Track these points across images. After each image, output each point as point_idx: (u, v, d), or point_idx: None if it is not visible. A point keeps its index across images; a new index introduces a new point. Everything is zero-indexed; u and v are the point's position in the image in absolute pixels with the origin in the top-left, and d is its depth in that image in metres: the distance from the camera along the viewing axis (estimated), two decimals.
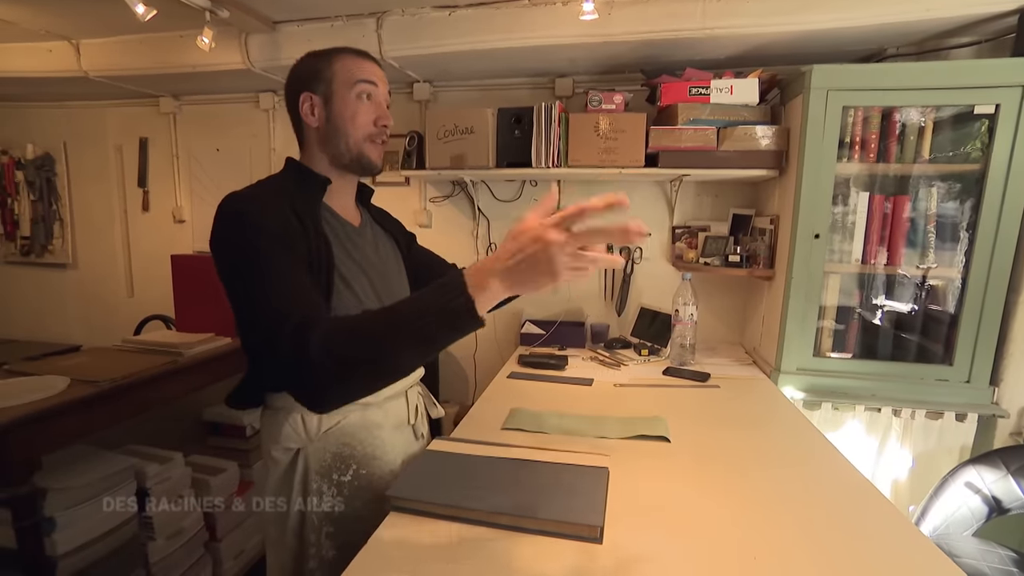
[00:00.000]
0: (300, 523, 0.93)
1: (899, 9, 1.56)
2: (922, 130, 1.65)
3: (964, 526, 1.47)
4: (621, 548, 0.83)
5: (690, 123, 1.74)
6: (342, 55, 0.95)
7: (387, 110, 0.98)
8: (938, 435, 1.66)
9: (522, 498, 0.94)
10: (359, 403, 0.94)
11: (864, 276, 1.75)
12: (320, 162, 0.98)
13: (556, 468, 1.06)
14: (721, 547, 0.85)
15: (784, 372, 1.71)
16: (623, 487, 1.01)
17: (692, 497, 1.00)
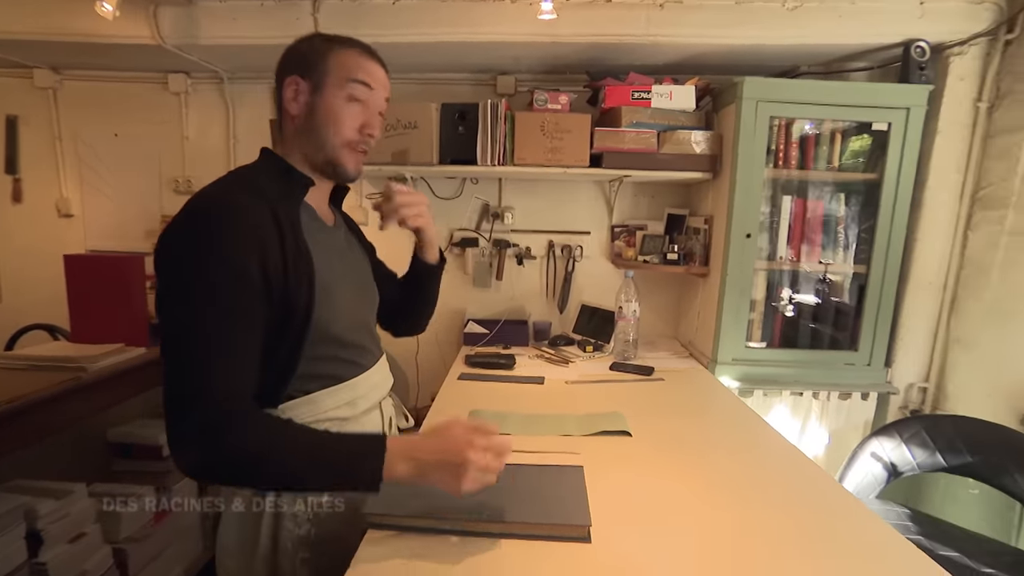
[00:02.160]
0: (271, 551, 0.85)
1: (812, 32, 1.71)
2: (831, 141, 1.84)
3: (870, 490, 1.66)
4: (611, 545, 0.85)
5: (632, 126, 1.81)
6: (346, 48, 0.86)
7: (378, 119, 0.90)
8: (847, 413, 1.86)
9: (506, 503, 0.92)
10: (335, 418, 0.87)
11: (786, 272, 1.92)
12: (296, 157, 0.88)
13: (533, 470, 1.05)
14: (703, 532, 0.90)
15: (720, 363, 1.83)
16: (598, 484, 1.02)
17: (663, 487, 1.04)
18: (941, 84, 1.75)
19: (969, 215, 1.78)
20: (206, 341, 0.70)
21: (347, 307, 0.88)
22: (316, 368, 0.83)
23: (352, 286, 0.93)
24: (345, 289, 0.89)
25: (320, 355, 0.83)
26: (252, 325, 0.74)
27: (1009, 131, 1.66)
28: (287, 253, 0.76)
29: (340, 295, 0.86)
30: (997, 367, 1.67)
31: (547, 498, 0.96)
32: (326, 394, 0.85)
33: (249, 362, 0.74)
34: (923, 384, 1.88)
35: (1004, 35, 1.69)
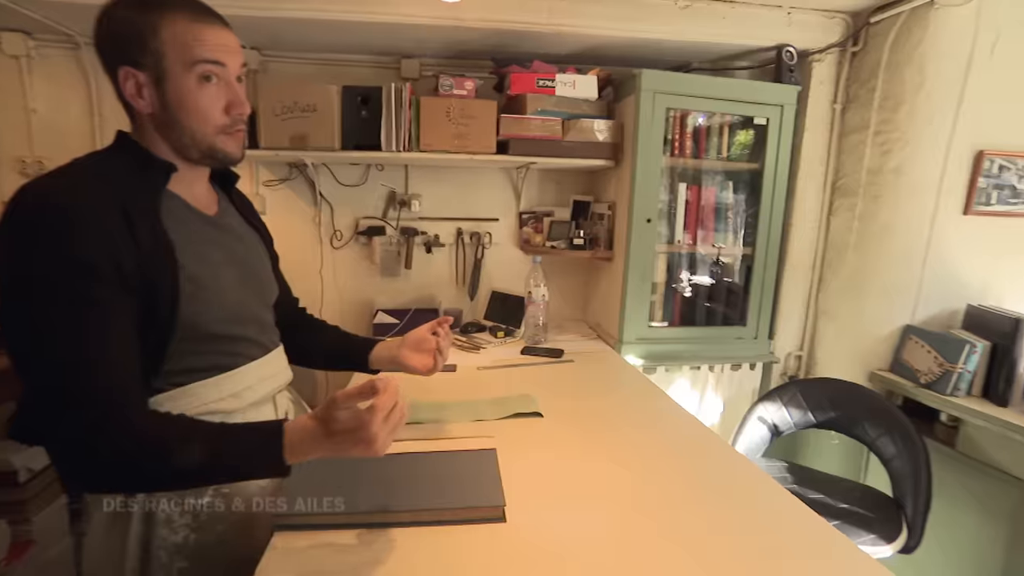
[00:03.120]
0: (143, 562, 0.76)
1: (700, 30, 1.83)
2: (720, 133, 1.98)
3: (757, 450, 1.84)
4: (525, 523, 0.87)
5: (538, 113, 1.83)
6: (173, 15, 0.73)
7: (241, 90, 0.80)
8: (739, 382, 2.04)
9: (420, 491, 0.92)
10: (217, 411, 0.80)
11: (681, 255, 2.06)
12: (160, 146, 0.79)
13: (446, 456, 1.05)
14: (612, 502, 0.94)
15: (626, 343, 1.92)
16: (512, 465, 1.04)
17: (575, 463, 1.08)
18: (807, 86, 1.95)
19: (830, 203, 2.00)
20: (69, 339, 0.63)
21: (227, 300, 0.81)
22: (189, 361, 0.77)
23: (237, 277, 0.85)
24: (226, 281, 0.82)
25: (193, 349, 0.77)
26: (114, 319, 0.67)
27: (856, 130, 1.89)
28: (141, 247, 0.69)
29: (218, 288, 0.80)
30: (853, 334, 1.91)
31: (461, 482, 0.97)
32: (204, 385, 0.79)
33: (122, 356, 0.67)
34: (798, 352, 2.11)
35: (851, 47, 1.91)
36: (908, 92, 1.75)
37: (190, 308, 0.74)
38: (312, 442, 0.67)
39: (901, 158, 1.77)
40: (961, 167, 1.76)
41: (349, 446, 0.67)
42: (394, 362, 1.11)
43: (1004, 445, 1.52)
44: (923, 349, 1.73)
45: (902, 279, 1.82)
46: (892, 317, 1.85)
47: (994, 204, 1.78)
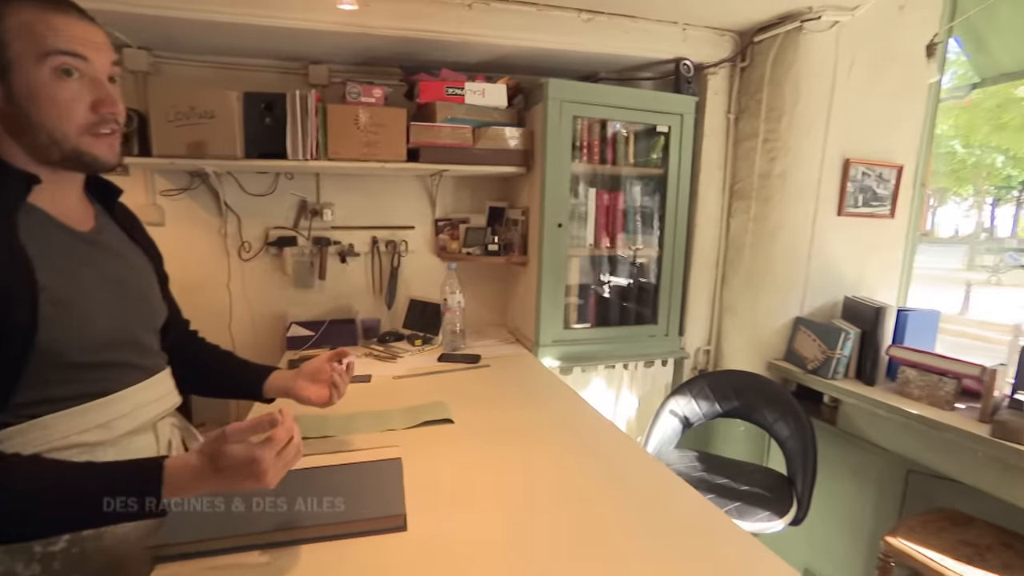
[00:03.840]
0: None
1: (603, 42, 1.91)
2: (627, 140, 2.08)
3: (670, 442, 1.94)
4: (426, 530, 0.87)
5: (448, 121, 1.85)
6: (19, 2, 0.67)
7: (113, 89, 0.74)
8: (652, 378, 2.14)
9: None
10: (79, 444, 0.73)
11: (595, 258, 2.13)
12: (14, 152, 0.71)
13: (349, 469, 1.04)
14: (516, 504, 0.96)
15: (542, 345, 1.97)
16: (418, 473, 1.04)
17: (482, 468, 1.10)
18: (703, 97, 2.08)
19: (729, 205, 2.15)
20: None
21: (99, 325, 0.76)
22: (52, 391, 0.71)
23: (114, 299, 0.80)
24: (98, 303, 0.76)
25: (58, 377, 0.71)
26: None
27: (747, 138, 2.05)
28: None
29: (86, 311, 0.74)
30: (752, 327, 2.05)
31: (361, 494, 0.96)
32: (63, 417, 0.72)
33: None
34: (707, 347, 2.24)
35: (740, 63, 2.06)
36: (787, 105, 1.91)
37: (51, 334, 0.68)
38: (196, 479, 0.65)
39: (785, 164, 1.93)
40: (833, 173, 1.94)
41: (238, 480, 0.65)
42: (289, 392, 1.08)
43: (872, 420, 1.69)
44: (809, 338, 1.89)
45: (791, 275, 1.98)
46: (784, 310, 2.00)
47: (860, 206, 1.97)
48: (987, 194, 18.02)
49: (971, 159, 12.51)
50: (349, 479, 1.00)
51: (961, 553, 1.32)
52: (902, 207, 2.05)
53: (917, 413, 1.51)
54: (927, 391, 1.58)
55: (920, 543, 1.36)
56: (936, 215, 32.20)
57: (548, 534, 0.87)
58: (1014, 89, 7.99)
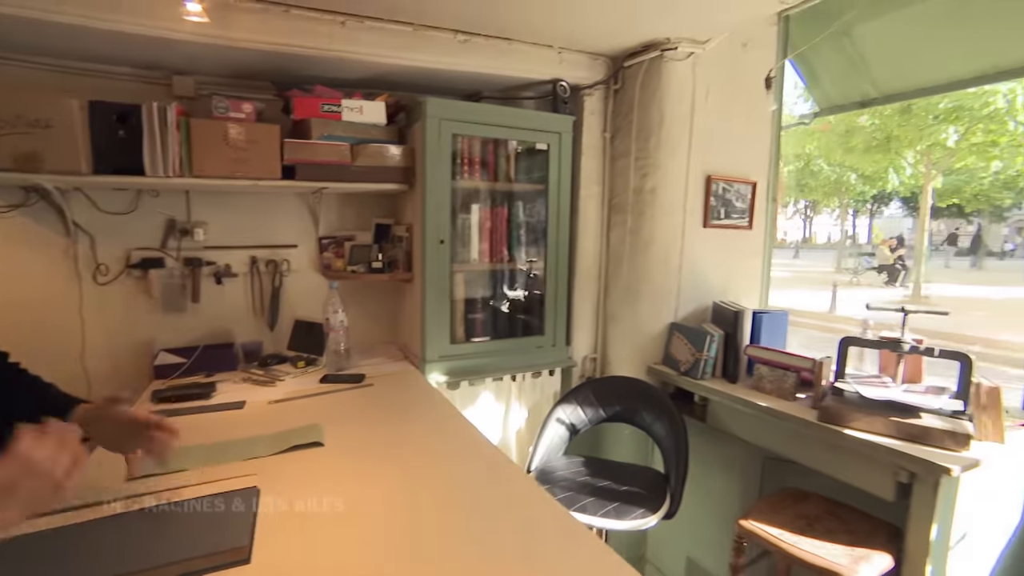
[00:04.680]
0: None
1: (480, 63, 1.96)
2: (509, 158, 2.14)
3: (558, 449, 1.99)
4: (272, 560, 0.84)
5: (324, 138, 1.81)
6: None
7: None
8: (541, 388, 2.19)
9: (162, 544, 0.86)
10: None
11: (481, 272, 2.17)
12: None
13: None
14: (376, 530, 0.95)
15: (429, 361, 1.96)
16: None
17: (344, 492, 1.07)
18: (580, 116, 2.20)
19: (608, 218, 2.27)
20: None
21: None
22: None
23: None
24: None
25: None
26: None
27: (622, 156, 2.19)
28: None
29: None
30: (633, 334, 2.18)
31: (205, 529, 0.91)
32: None
33: None
34: (593, 355, 2.34)
35: (614, 85, 2.21)
36: (654, 126, 2.06)
37: None
38: None
39: (655, 180, 2.08)
40: (698, 189, 2.12)
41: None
42: (89, 430, 0.98)
43: (734, 415, 1.84)
44: (682, 342, 2.04)
45: (665, 283, 2.13)
46: (661, 316, 2.14)
47: (723, 219, 2.17)
48: (848, 206, 20.53)
49: (833, 176, 14.17)
50: (192, 515, 0.95)
51: (796, 526, 1.48)
52: (758, 219, 2.28)
53: (765, 405, 1.67)
54: (776, 385, 1.75)
55: (766, 522, 1.50)
56: (812, 224, 36.02)
57: (400, 553, 0.87)
58: (857, 118, 9.19)
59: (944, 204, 17.05)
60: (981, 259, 18.64)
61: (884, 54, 2.52)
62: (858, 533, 1.46)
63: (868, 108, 3.00)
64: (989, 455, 1.33)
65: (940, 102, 8.43)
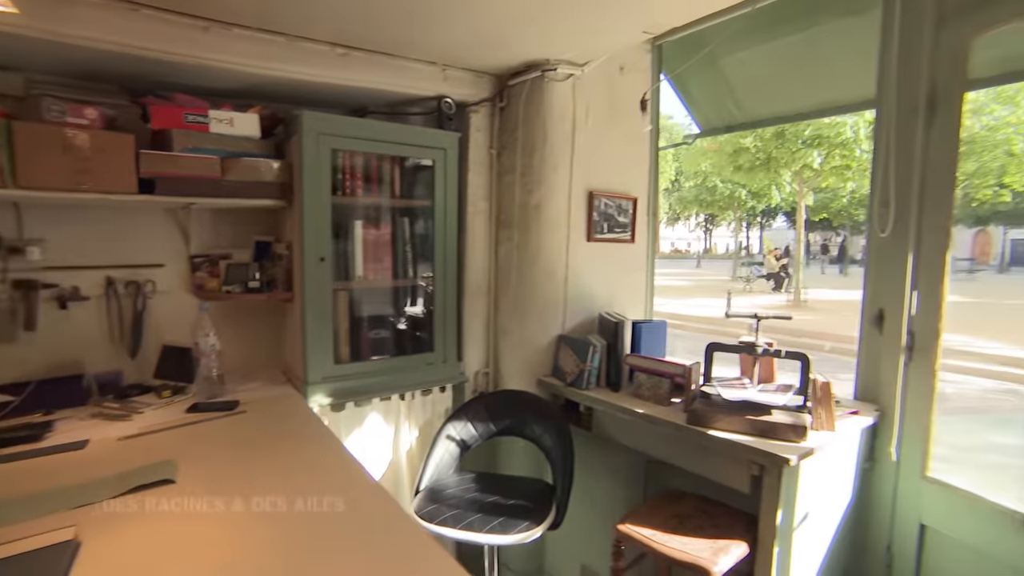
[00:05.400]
0: None
1: (361, 77, 1.93)
2: (394, 174, 2.12)
3: (449, 467, 1.97)
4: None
5: (189, 150, 1.69)
6: None
7: None
8: (431, 406, 2.16)
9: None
10: None
11: (367, 290, 2.11)
12: None
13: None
14: (206, 570, 0.87)
15: (311, 383, 1.87)
16: (103, 553, 0.90)
17: (185, 534, 0.99)
18: (467, 133, 2.22)
19: (496, 234, 2.31)
20: None
21: None
22: None
23: None
24: None
25: None
26: None
27: (508, 172, 2.23)
28: None
29: None
30: (522, 347, 2.21)
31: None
32: None
33: None
34: (486, 370, 2.35)
35: (499, 103, 2.26)
36: (538, 143, 2.12)
37: None
38: None
39: (539, 196, 2.13)
40: (581, 204, 2.20)
41: None
42: None
43: (616, 423, 1.92)
44: (568, 353, 2.09)
45: (552, 296, 2.18)
46: (549, 329, 2.19)
47: (607, 233, 2.27)
48: (741, 220, 22.43)
49: (727, 192, 15.43)
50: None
51: (669, 525, 1.56)
52: (640, 233, 2.41)
53: (642, 412, 1.76)
54: (653, 391, 1.85)
55: (642, 524, 1.57)
56: (712, 236, 38.89)
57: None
58: (742, 139, 10.10)
59: (817, 218, 19.10)
60: (847, 266, 21.16)
61: (746, 83, 2.78)
62: (722, 526, 1.56)
63: (736, 132, 3.30)
64: (823, 443, 1.48)
65: (806, 129, 9.50)
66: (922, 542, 1.66)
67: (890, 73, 1.68)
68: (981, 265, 20.94)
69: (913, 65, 1.61)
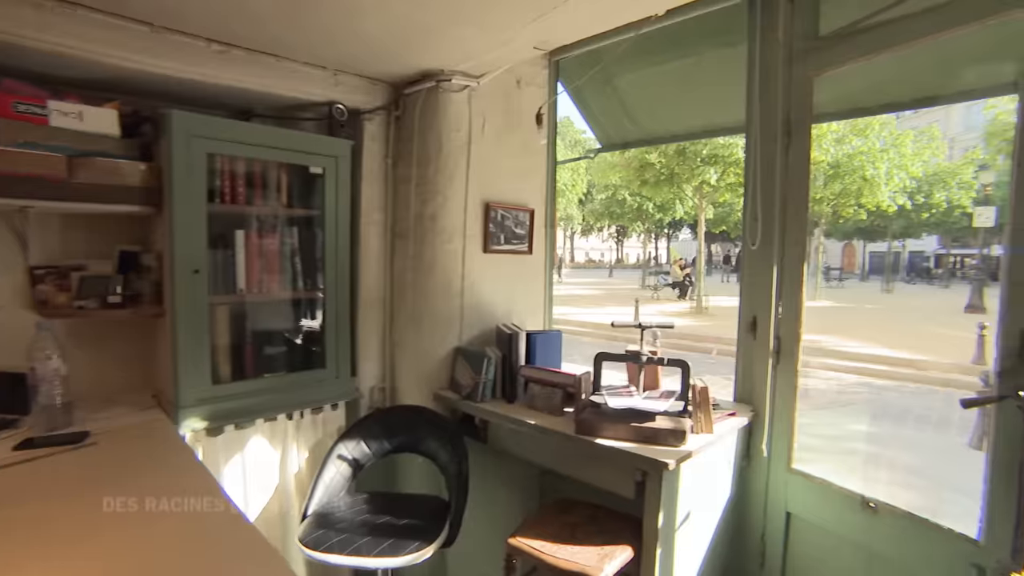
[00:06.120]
0: None
1: (242, 77, 1.81)
2: (281, 181, 2.00)
3: (340, 488, 1.87)
4: None
5: (24, 146, 1.49)
6: None
7: None
8: (323, 425, 2.06)
9: None
10: None
11: (252, 304, 1.97)
12: None
13: None
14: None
15: (183, 407, 1.71)
16: None
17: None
18: (360, 141, 2.15)
19: (392, 245, 2.25)
20: None
21: None
22: None
23: None
24: None
25: None
26: None
27: (404, 181, 2.19)
28: None
29: None
30: (419, 360, 2.16)
31: None
32: None
33: None
34: (381, 385, 2.27)
35: (395, 111, 2.21)
36: (433, 154, 2.10)
37: None
38: None
39: (435, 207, 2.11)
40: (477, 215, 2.20)
41: None
42: None
43: (511, 435, 1.92)
44: (465, 366, 2.07)
45: (449, 309, 2.16)
46: (446, 341, 2.16)
47: (503, 244, 2.29)
48: (650, 231, 23.77)
49: (636, 205, 16.27)
50: None
51: (560, 535, 1.57)
52: (538, 244, 2.45)
53: (534, 423, 1.77)
54: (546, 402, 1.87)
55: (534, 537, 1.57)
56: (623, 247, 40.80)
57: None
58: (648, 155, 10.72)
59: (717, 230, 20.64)
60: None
61: (639, 102, 2.94)
62: (610, 532, 1.61)
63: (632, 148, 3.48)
64: (701, 445, 1.57)
65: (704, 148, 10.27)
66: (788, 529, 1.81)
67: (755, 102, 1.83)
68: (848, 274, 23.68)
69: (771, 97, 1.77)
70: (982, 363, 6.68)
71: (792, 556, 1.80)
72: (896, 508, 1.54)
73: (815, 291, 15.09)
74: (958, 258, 26.23)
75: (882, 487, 3.91)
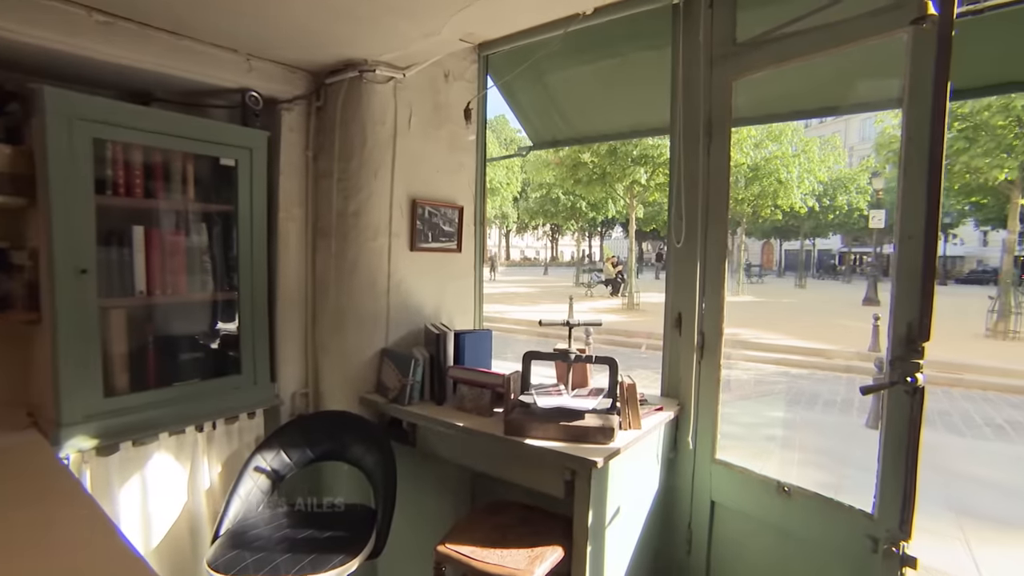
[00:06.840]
0: None
1: (131, 56, 1.63)
2: (186, 173, 1.83)
3: (258, 503, 1.75)
4: None
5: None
6: None
7: None
8: (238, 435, 1.91)
9: None
10: None
11: (153, 307, 1.80)
12: None
13: None
14: None
15: (67, 425, 1.52)
16: None
17: None
18: (278, 132, 2.02)
19: (313, 242, 2.12)
20: None
21: None
22: None
23: None
24: None
25: None
26: None
27: (325, 176, 2.08)
28: None
29: None
30: (343, 363, 2.06)
31: None
32: None
33: None
34: (304, 390, 2.14)
35: (316, 102, 2.09)
36: (357, 147, 2.00)
37: None
38: None
39: (358, 203, 2.01)
40: (403, 212, 2.12)
41: None
42: None
43: (440, 438, 1.87)
44: (391, 368, 1.99)
45: (374, 309, 2.07)
46: (371, 343, 2.07)
47: (431, 242, 2.22)
48: (583, 229, 24.34)
49: (569, 203, 16.57)
50: None
51: (491, 539, 1.54)
52: (467, 242, 2.39)
53: (462, 425, 1.73)
54: (475, 403, 1.83)
55: (463, 542, 1.53)
56: (558, 245, 41.57)
57: None
58: (581, 154, 10.94)
59: (648, 229, 21.42)
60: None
61: (570, 100, 2.95)
62: (541, 532, 1.59)
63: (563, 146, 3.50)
64: (629, 441, 1.58)
65: (634, 148, 10.61)
66: (713, 516, 1.87)
67: (678, 103, 1.87)
68: (767, 270, 25.39)
69: (694, 99, 1.81)
70: (877, 351, 7.34)
71: (717, 542, 1.87)
72: (806, 490, 1.63)
73: (738, 287, 16.09)
74: (858, 256, 28.88)
75: (795, 468, 4.19)
